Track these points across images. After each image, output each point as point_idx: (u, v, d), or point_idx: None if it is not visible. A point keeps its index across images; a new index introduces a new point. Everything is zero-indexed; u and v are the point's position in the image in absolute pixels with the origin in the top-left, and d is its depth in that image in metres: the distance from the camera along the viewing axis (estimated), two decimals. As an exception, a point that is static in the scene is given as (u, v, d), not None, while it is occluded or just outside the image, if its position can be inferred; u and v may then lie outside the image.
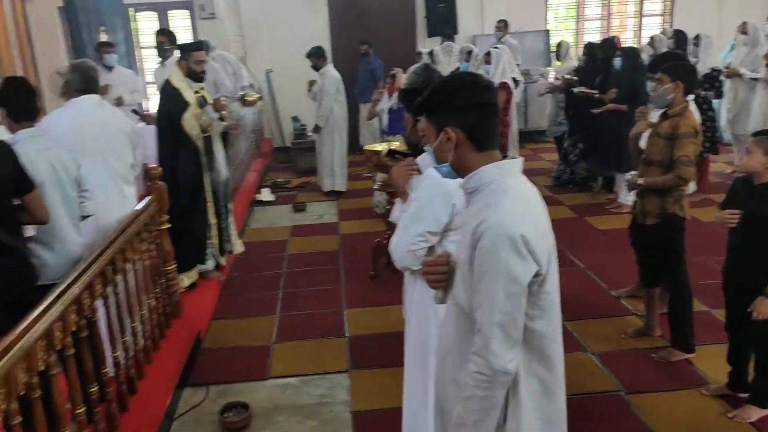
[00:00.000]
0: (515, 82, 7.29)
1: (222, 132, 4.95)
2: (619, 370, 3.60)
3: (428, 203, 2.39)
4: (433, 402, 1.90)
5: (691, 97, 3.69)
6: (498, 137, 1.68)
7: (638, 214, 3.77)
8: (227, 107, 4.79)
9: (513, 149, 7.50)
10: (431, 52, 8.86)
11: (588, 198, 6.95)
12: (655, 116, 3.80)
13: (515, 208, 1.55)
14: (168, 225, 3.97)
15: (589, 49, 7.15)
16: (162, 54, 6.71)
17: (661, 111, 3.70)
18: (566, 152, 7.32)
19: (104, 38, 7.54)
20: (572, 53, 7.98)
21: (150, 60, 9.44)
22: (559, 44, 8.17)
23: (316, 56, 7.35)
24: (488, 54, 6.30)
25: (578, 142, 7.14)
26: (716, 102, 7.29)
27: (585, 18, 11.02)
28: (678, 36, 7.36)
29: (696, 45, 7.02)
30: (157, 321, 3.75)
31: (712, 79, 6.77)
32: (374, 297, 4.78)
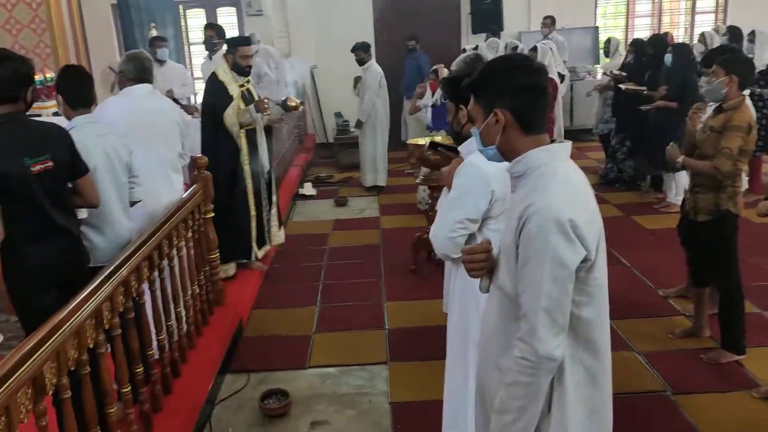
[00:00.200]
0: (560, 78, 7.17)
1: (265, 125, 5.01)
2: (666, 371, 3.51)
3: (467, 190, 2.38)
4: (474, 389, 1.88)
5: (747, 92, 3.57)
6: (547, 121, 1.65)
7: (690, 211, 3.66)
8: (269, 109, 4.83)
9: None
10: (476, 49, 8.77)
11: (636, 197, 6.79)
12: (710, 111, 3.68)
13: (564, 192, 1.51)
14: (212, 214, 4.04)
15: (637, 46, 6.98)
16: (210, 48, 6.83)
17: (716, 105, 3.59)
18: (613, 150, 7.17)
19: (155, 34, 7.71)
20: (622, 50, 7.81)
21: (198, 56, 9.62)
22: (608, 40, 8.00)
23: (363, 50, 7.37)
24: (534, 49, 6.21)
25: (625, 140, 6.98)
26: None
27: (635, 15, 10.77)
28: (732, 32, 7.10)
29: (751, 41, 6.77)
30: (201, 308, 3.82)
31: (768, 76, 6.54)
32: (414, 291, 4.77)
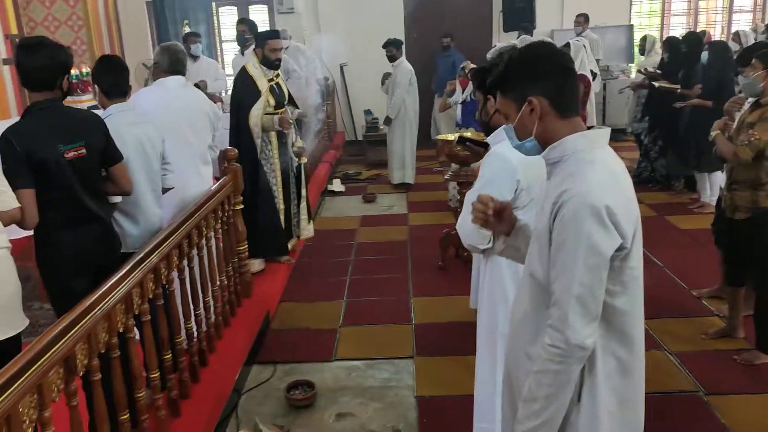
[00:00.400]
0: (593, 76, 7.07)
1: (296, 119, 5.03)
2: (699, 371, 3.43)
3: (492, 180, 2.36)
4: (502, 378, 1.86)
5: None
6: (579, 102, 1.62)
7: (726, 209, 3.56)
8: (291, 127, 4.82)
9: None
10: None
11: (669, 197, 6.68)
12: (747, 107, 3.59)
13: (601, 179, 1.48)
14: (241, 206, 4.07)
15: (672, 44, 6.85)
16: (242, 43, 6.88)
17: (753, 101, 3.50)
18: (646, 149, 7.05)
19: (188, 31, 7.82)
20: (658, 48, 7.67)
21: (229, 53, 9.72)
22: (644, 38, 7.85)
23: (395, 47, 7.35)
24: (567, 45, 6.14)
25: (658, 139, 6.86)
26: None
27: (671, 13, 10.58)
28: (771, 30, 6.95)
29: (790, 39, 6.61)
30: (229, 299, 3.85)
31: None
32: (441, 287, 4.75)
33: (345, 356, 3.83)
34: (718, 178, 5.51)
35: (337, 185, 7.87)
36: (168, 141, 3.26)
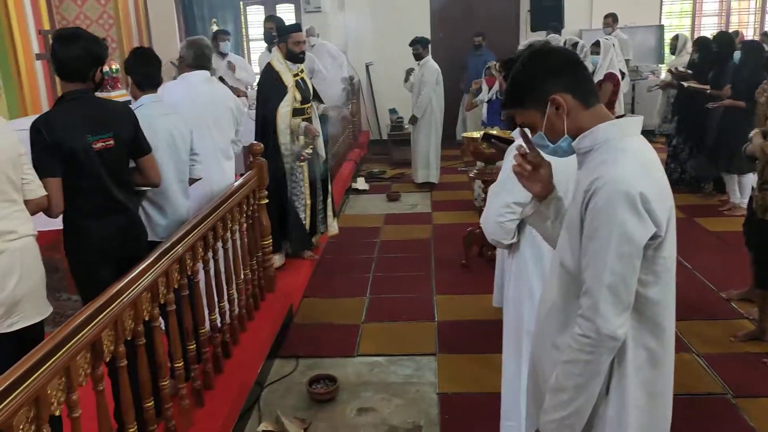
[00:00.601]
0: (621, 75, 6.97)
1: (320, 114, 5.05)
2: (727, 373, 3.36)
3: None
4: (527, 374, 1.83)
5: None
6: (594, 90, 1.60)
7: (758, 209, 3.49)
8: (317, 136, 4.83)
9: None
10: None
11: (699, 199, 6.57)
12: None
13: (634, 166, 1.45)
14: (266, 201, 4.09)
15: (702, 43, 6.73)
16: (269, 41, 6.92)
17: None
18: (675, 150, 6.94)
19: (215, 29, 7.90)
20: (689, 48, 7.55)
21: (256, 52, 9.79)
22: (676, 37, 7.73)
23: (421, 45, 7.32)
24: (596, 44, 6.05)
25: (688, 140, 6.75)
26: None
27: (702, 14, 10.41)
28: (807, 29, 6.79)
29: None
30: (252, 292, 3.87)
31: None
32: (464, 285, 4.73)
33: (367, 352, 3.83)
34: (749, 180, 5.40)
35: (362, 183, 7.89)
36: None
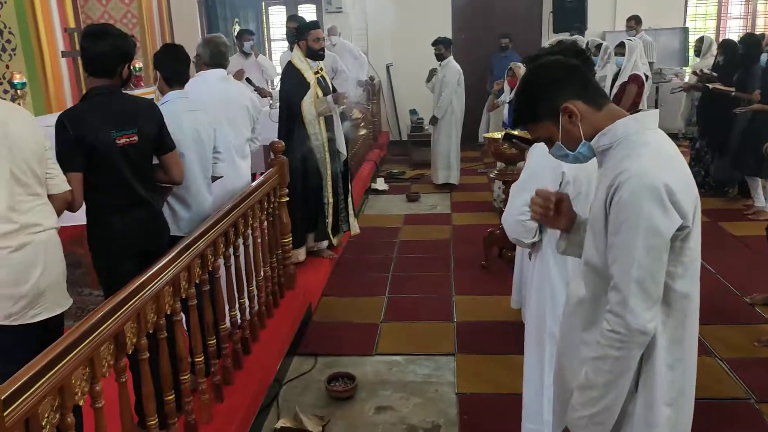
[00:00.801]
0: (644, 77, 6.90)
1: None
2: (750, 378, 3.31)
3: (536, 172, 2.33)
4: (553, 374, 1.82)
5: None
6: (602, 89, 1.59)
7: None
8: (347, 101, 4.86)
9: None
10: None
11: (723, 203, 6.48)
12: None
13: (657, 159, 1.43)
14: (287, 199, 4.10)
15: (728, 46, 6.64)
16: (291, 40, 6.95)
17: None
18: (698, 153, 6.85)
19: (238, 30, 7.98)
20: (714, 50, 7.45)
21: (278, 52, 9.86)
22: (701, 39, 7.63)
23: (444, 45, 7.30)
24: (621, 45, 6.00)
25: (711, 143, 6.66)
26: None
27: (727, 17, 10.27)
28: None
29: None
30: (272, 289, 3.89)
31: None
32: (484, 286, 4.70)
33: (386, 351, 3.83)
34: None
35: (381, 184, 7.89)
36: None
